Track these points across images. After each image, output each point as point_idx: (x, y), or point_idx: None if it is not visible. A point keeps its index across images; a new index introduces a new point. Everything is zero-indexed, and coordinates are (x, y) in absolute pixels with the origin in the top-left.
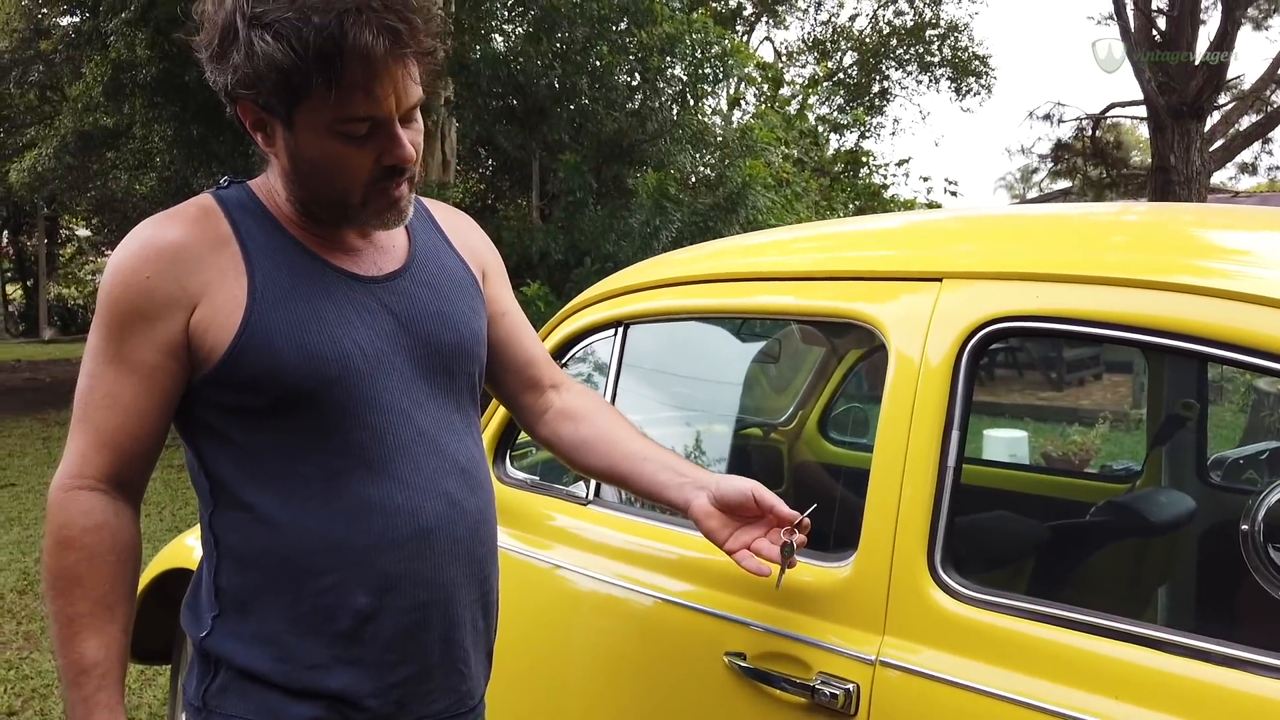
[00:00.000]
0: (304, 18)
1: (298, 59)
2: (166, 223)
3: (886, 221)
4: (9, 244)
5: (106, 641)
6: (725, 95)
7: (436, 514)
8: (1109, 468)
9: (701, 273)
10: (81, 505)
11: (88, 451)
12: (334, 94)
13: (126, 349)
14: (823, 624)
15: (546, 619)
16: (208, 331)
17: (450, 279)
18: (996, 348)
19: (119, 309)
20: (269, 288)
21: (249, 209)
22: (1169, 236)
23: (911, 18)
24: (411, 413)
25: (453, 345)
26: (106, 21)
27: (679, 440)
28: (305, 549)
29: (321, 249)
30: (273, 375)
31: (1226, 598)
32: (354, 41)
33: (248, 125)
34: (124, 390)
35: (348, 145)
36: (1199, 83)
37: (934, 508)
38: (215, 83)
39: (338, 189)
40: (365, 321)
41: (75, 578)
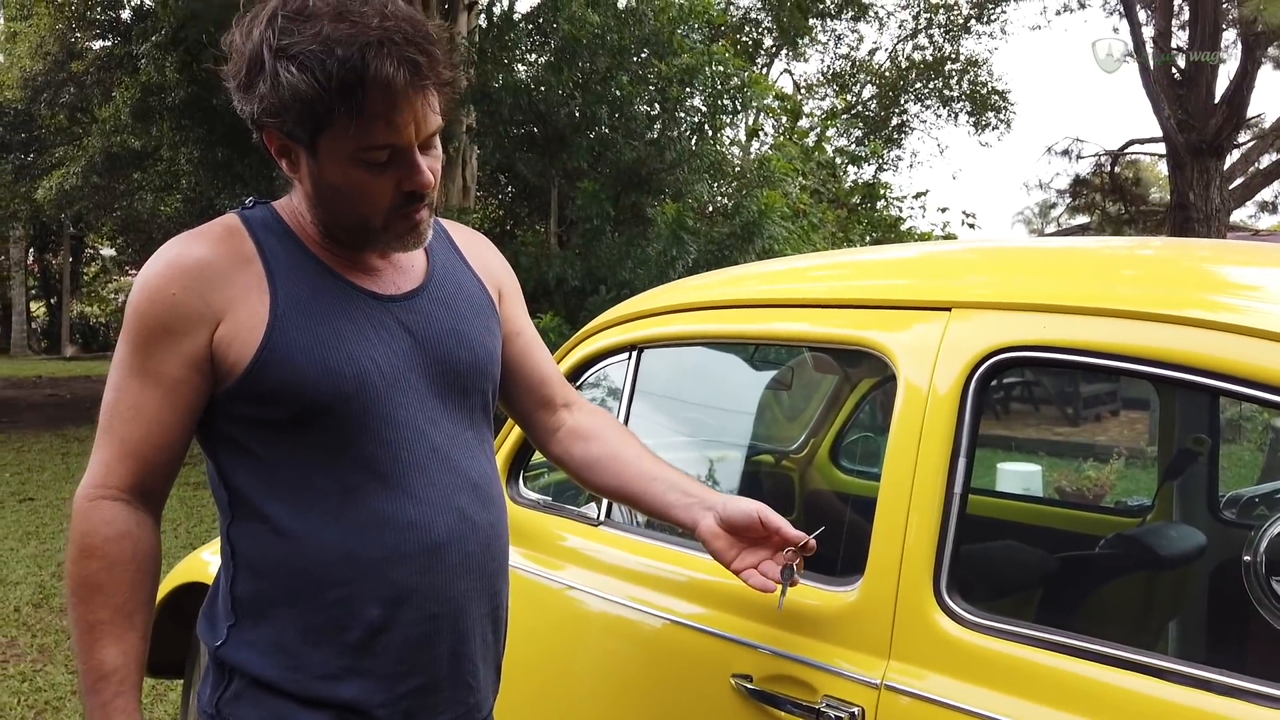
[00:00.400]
0: (328, 50)
1: (321, 89)
2: (193, 241)
3: (898, 251)
4: (35, 261)
5: (125, 648)
6: (744, 126)
7: (448, 529)
8: (1122, 502)
9: (714, 299)
10: (104, 514)
11: (112, 462)
12: (355, 123)
13: (152, 363)
14: (829, 647)
15: (557, 638)
16: (230, 346)
17: (467, 299)
18: (1007, 379)
19: (145, 324)
20: (291, 305)
21: (273, 228)
22: (1178, 270)
23: (931, 52)
24: (426, 429)
25: (468, 363)
26: (137, 45)
27: (691, 465)
28: (319, 560)
29: (343, 268)
30: (292, 390)
31: (1233, 630)
32: (375, 73)
33: (273, 151)
34: (148, 402)
35: (368, 172)
36: (1218, 121)
37: (940, 534)
38: (242, 111)
39: (359, 214)
40: (383, 339)
41: (96, 585)
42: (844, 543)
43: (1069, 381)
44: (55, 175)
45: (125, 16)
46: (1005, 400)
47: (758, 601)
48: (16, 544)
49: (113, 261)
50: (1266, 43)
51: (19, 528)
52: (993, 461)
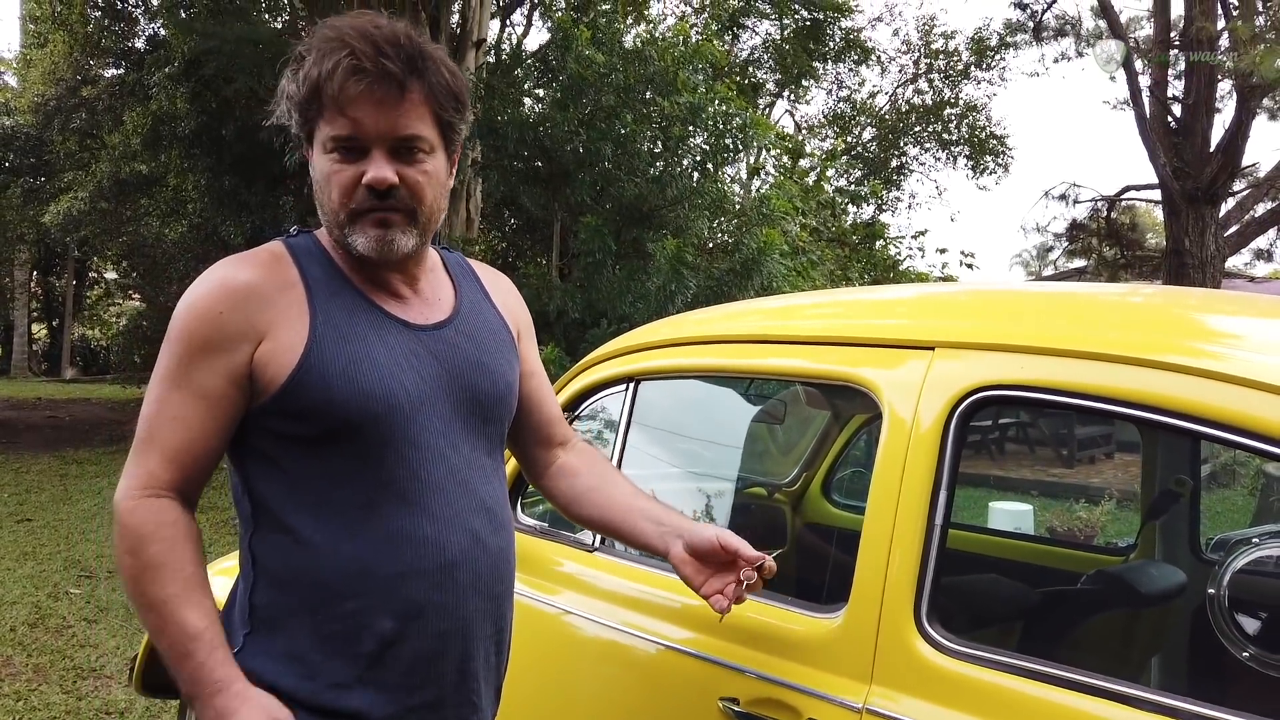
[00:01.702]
0: (307, 52)
1: (299, 87)
2: (240, 265)
3: (887, 292)
4: (38, 284)
5: (203, 612)
6: (746, 164)
7: (461, 549)
8: (1110, 542)
9: (709, 334)
10: (154, 507)
11: (155, 467)
12: (324, 116)
13: (196, 376)
14: (813, 672)
15: (552, 661)
16: (269, 364)
17: (491, 334)
18: (993, 418)
19: (193, 339)
20: (328, 328)
21: (314, 255)
22: (1156, 316)
23: (931, 97)
24: (446, 452)
25: (490, 394)
26: (150, 75)
27: (685, 496)
28: (338, 572)
29: (377, 295)
30: (324, 408)
31: (1211, 664)
32: (336, 69)
33: (305, 156)
34: (191, 413)
35: (335, 162)
36: (1213, 169)
37: (921, 564)
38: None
39: (331, 204)
40: (412, 365)
41: (160, 564)
42: (830, 572)
43: (1059, 423)
44: (63, 199)
45: (139, 45)
46: (999, 441)
47: (745, 628)
48: (13, 564)
49: (116, 285)
50: (1261, 94)
51: (16, 548)
52: (985, 500)
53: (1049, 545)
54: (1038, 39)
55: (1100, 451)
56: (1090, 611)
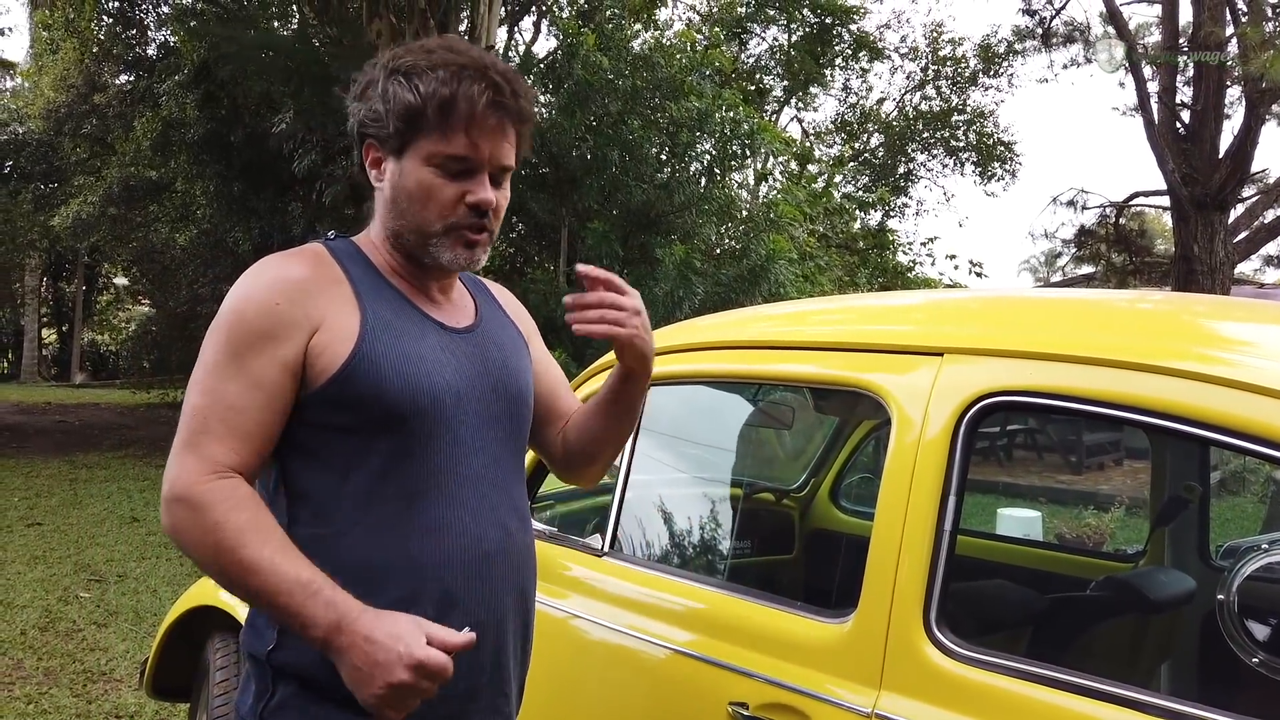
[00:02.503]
0: (433, 69)
1: (419, 98)
2: (290, 261)
3: (896, 297)
4: (48, 289)
5: (305, 564)
6: (753, 170)
7: (496, 542)
8: (1119, 549)
9: (718, 339)
10: (229, 485)
11: (216, 454)
12: (438, 131)
13: (253, 366)
14: (822, 677)
15: (561, 666)
16: (323, 354)
17: (510, 340)
18: (1001, 423)
19: (250, 330)
20: (377, 322)
21: (354, 258)
22: (1163, 322)
23: (938, 103)
24: (481, 450)
25: (518, 395)
26: (160, 82)
27: (693, 501)
28: (380, 562)
29: (415, 298)
30: (375, 398)
31: (1221, 671)
32: (464, 90)
33: (368, 162)
34: (249, 403)
35: (440, 178)
36: (1222, 175)
37: (930, 569)
38: (351, 124)
39: (424, 217)
40: (454, 364)
41: (252, 528)
42: (839, 577)
43: (1068, 429)
44: (73, 204)
45: (149, 53)
46: (1009, 447)
47: (754, 632)
48: (24, 568)
49: (126, 291)
50: (1270, 100)
51: (26, 552)
52: (994, 507)
53: (1058, 551)
54: (1046, 45)
55: (1109, 458)
56: (1099, 617)
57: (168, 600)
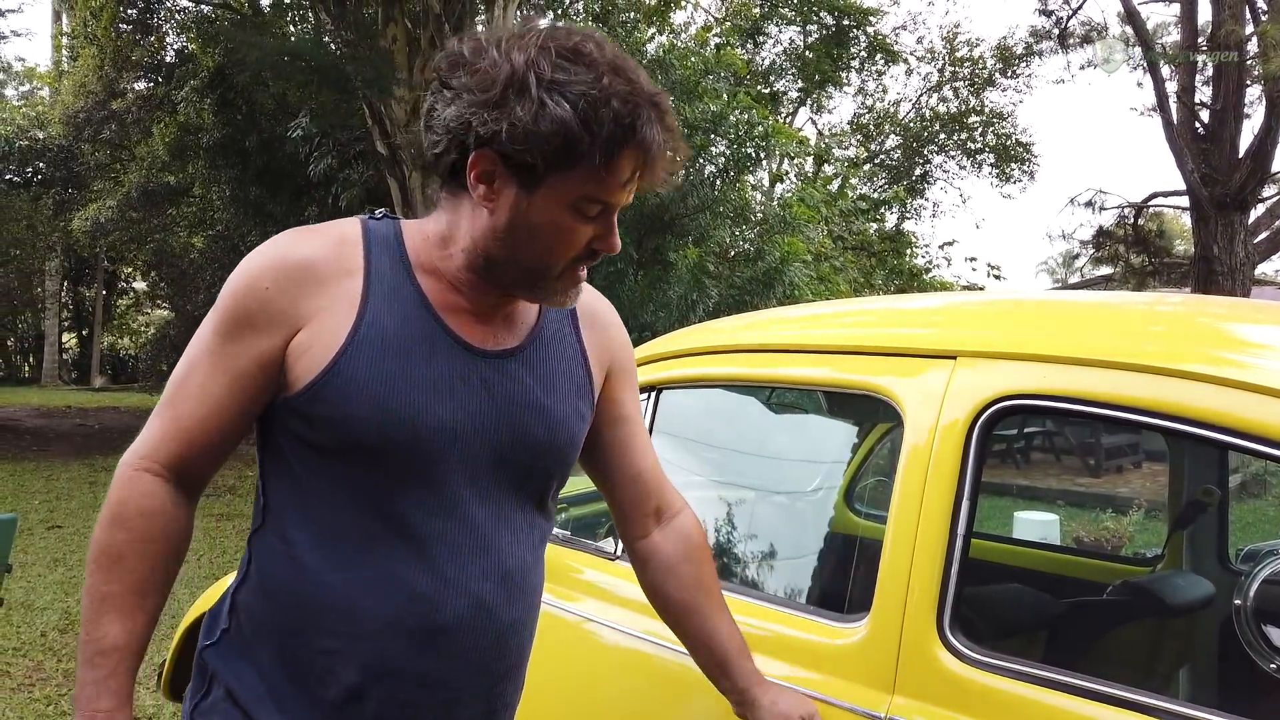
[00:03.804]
0: (604, 99)
1: (587, 132)
2: (304, 239)
3: (909, 301)
4: (68, 294)
5: (132, 628)
6: (768, 172)
7: (457, 615)
8: (1138, 553)
9: (731, 343)
10: (143, 487)
11: (164, 437)
12: (598, 175)
13: (228, 349)
14: (836, 682)
15: (573, 670)
16: (301, 357)
17: (565, 373)
18: (1015, 427)
19: (234, 309)
20: (371, 333)
21: (389, 248)
22: (1181, 325)
23: (955, 105)
24: (469, 500)
25: (542, 442)
26: (178, 88)
27: (708, 505)
28: (319, 602)
29: (443, 307)
30: (341, 421)
31: (1240, 677)
32: (641, 136)
33: (474, 173)
34: (215, 388)
35: (576, 220)
36: (1242, 175)
37: (944, 574)
38: (464, 124)
39: (546, 259)
40: (456, 394)
41: (118, 556)
42: (853, 582)
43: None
44: (91, 207)
45: (167, 59)
46: (1024, 450)
47: (767, 637)
48: (44, 570)
49: (145, 295)
50: None
51: (47, 554)
52: (1010, 510)
53: (1074, 555)
54: (1063, 46)
55: (1124, 461)
56: (1116, 622)
57: (185, 603)
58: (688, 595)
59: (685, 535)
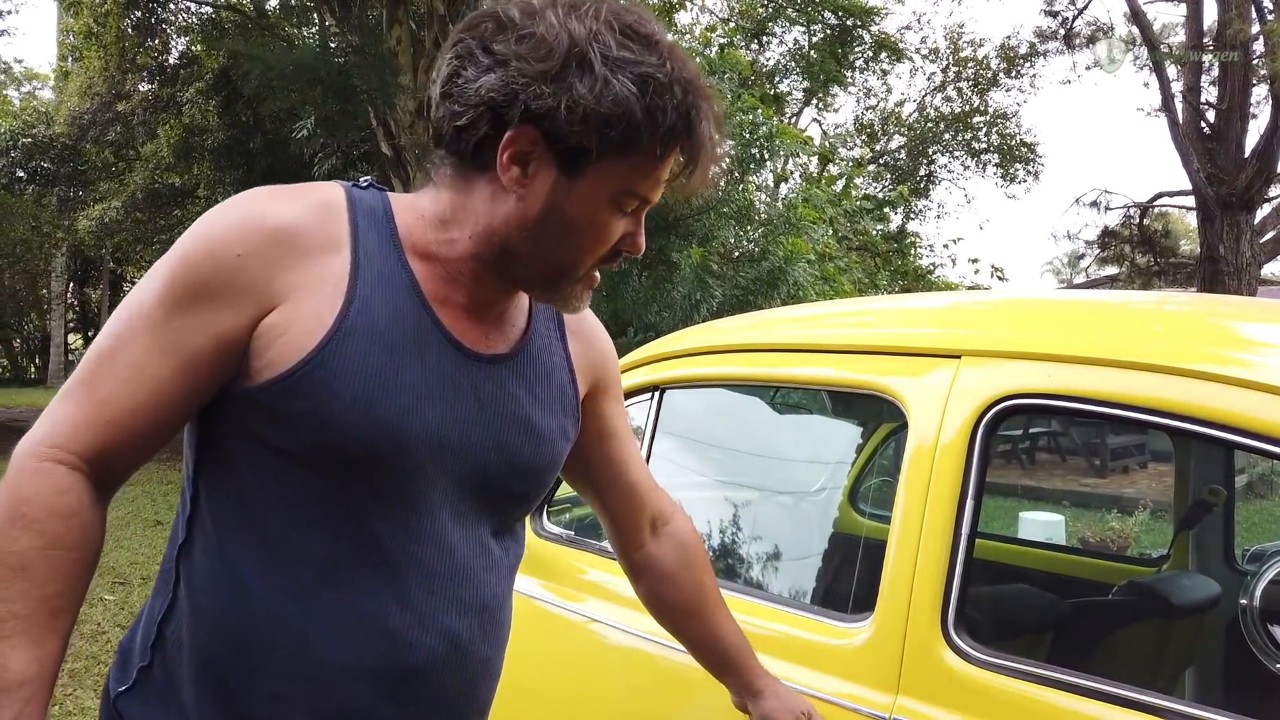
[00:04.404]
0: (669, 84)
1: (650, 121)
2: (284, 200)
3: (913, 300)
4: (74, 295)
5: (41, 655)
6: (773, 172)
7: (431, 655)
8: (1144, 553)
9: (734, 343)
10: (56, 482)
11: (83, 422)
12: (649, 165)
13: (177, 322)
14: (840, 682)
15: (577, 670)
16: (275, 341)
17: (552, 386)
18: (1019, 426)
19: (191, 277)
20: (361, 321)
21: (378, 223)
22: (1186, 324)
23: (959, 105)
24: (449, 524)
25: (528, 461)
26: (183, 90)
27: (711, 505)
28: (268, 639)
29: (436, 298)
30: (321, 423)
31: (1246, 677)
32: (700, 130)
33: (508, 153)
34: (155, 367)
35: (614, 216)
36: (1248, 175)
37: (948, 573)
38: (510, 95)
39: (576, 256)
40: (446, 400)
41: (23, 568)
42: (857, 581)
43: (1086, 432)
44: (97, 207)
45: (172, 60)
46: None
47: (771, 636)
48: None
49: None
50: None
51: None
52: (1016, 510)
53: (1079, 555)
54: (1069, 46)
55: (1129, 461)
56: (1122, 622)
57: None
58: (689, 600)
59: (682, 541)
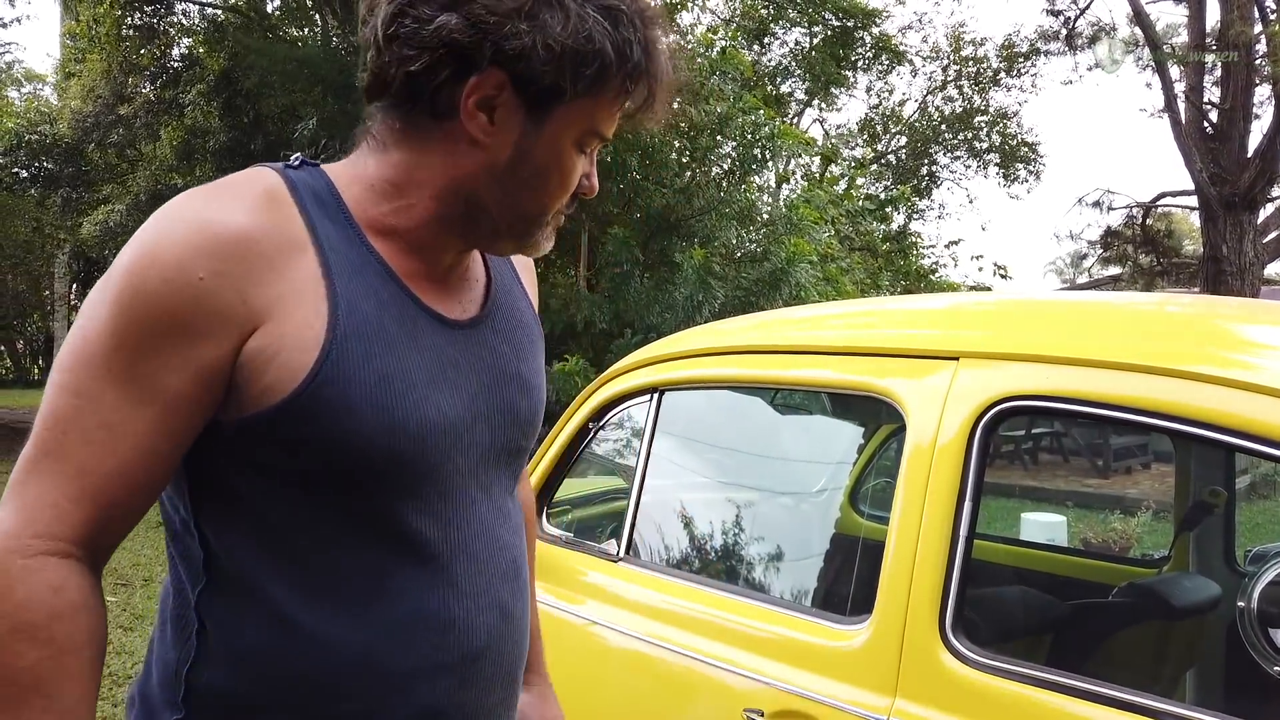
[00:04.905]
0: (631, 16)
1: (619, 55)
2: (229, 201)
3: (912, 302)
4: (77, 296)
5: None
6: (775, 173)
7: (489, 630)
8: (1147, 554)
9: (732, 344)
10: (49, 578)
11: (62, 501)
12: (608, 104)
13: (148, 368)
14: (838, 684)
15: (577, 672)
16: (270, 365)
17: (525, 330)
18: (1017, 428)
19: (152, 310)
20: (354, 324)
21: (326, 205)
22: (1184, 326)
23: (960, 104)
24: (478, 499)
25: (528, 415)
26: (185, 92)
27: (713, 506)
28: (330, 664)
29: (408, 275)
30: (340, 440)
31: (1245, 679)
32: (660, 63)
33: (473, 99)
34: (132, 423)
35: (577, 158)
36: (1251, 175)
37: (946, 575)
38: (477, 36)
39: (545, 200)
40: (451, 382)
41: (35, 684)
42: (855, 583)
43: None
44: (101, 211)
45: (174, 62)
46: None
47: (771, 639)
48: None
49: None
50: None
51: None
52: (1017, 511)
53: (1079, 557)
54: (1071, 46)
55: (1128, 462)
56: (1122, 624)
57: None
58: None
59: (524, 504)
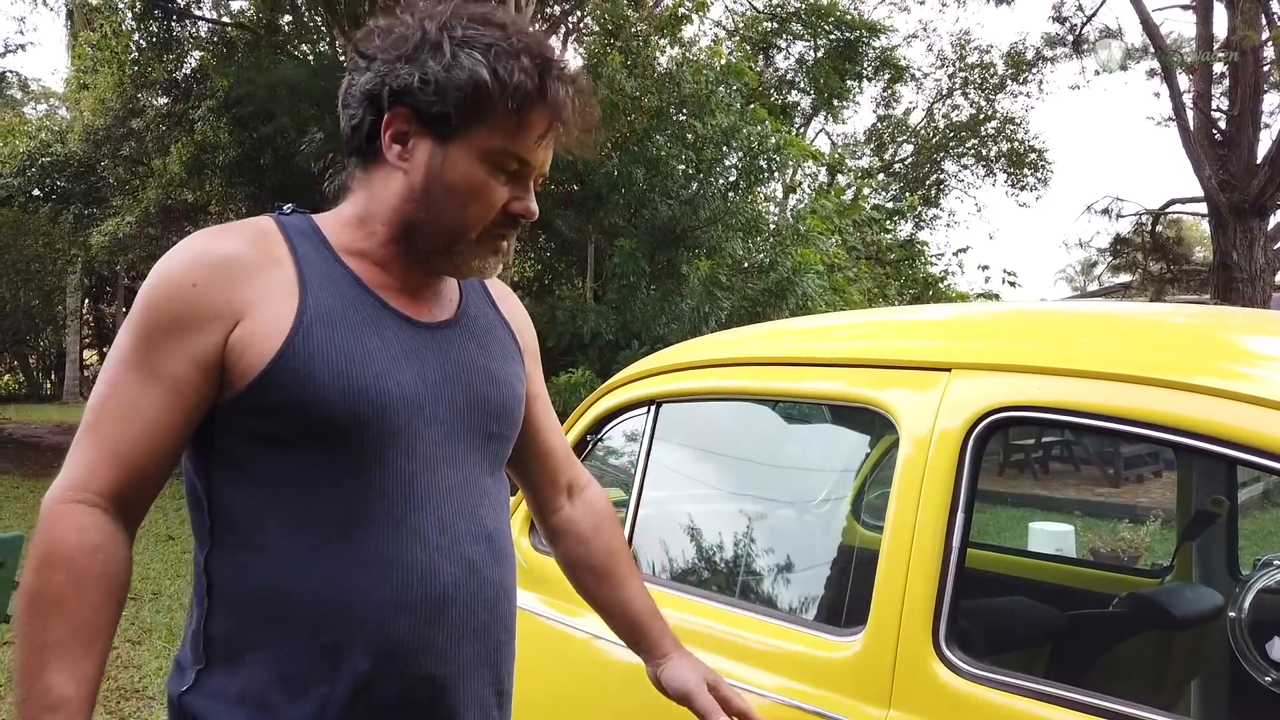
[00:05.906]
0: (515, 51)
1: (498, 82)
2: (223, 235)
3: (907, 313)
4: (89, 311)
5: (80, 677)
6: (781, 184)
7: (455, 580)
8: (1155, 563)
9: (728, 356)
10: (78, 521)
11: (95, 464)
12: (508, 125)
13: (157, 359)
14: (832, 696)
15: (578, 686)
16: (247, 349)
17: (498, 340)
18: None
19: (157, 315)
20: (319, 313)
21: (309, 236)
22: (1180, 337)
23: (967, 110)
24: (444, 468)
25: (497, 404)
26: (195, 107)
27: (709, 518)
28: (310, 599)
29: (376, 285)
30: (307, 404)
31: (1247, 690)
32: (550, 90)
33: (389, 133)
34: (147, 402)
35: (491, 176)
36: (1261, 181)
37: (939, 587)
38: (378, 84)
39: (462, 219)
40: (412, 365)
41: (57, 600)
42: (850, 595)
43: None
44: (110, 223)
45: (184, 76)
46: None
47: (766, 651)
48: None
49: None
50: None
51: None
52: (1025, 520)
53: (1077, 567)
54: (1078, 52)
55: (1126, 473)
56: (1121, 635)
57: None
58: (601, 564)
59: (596, 507)
